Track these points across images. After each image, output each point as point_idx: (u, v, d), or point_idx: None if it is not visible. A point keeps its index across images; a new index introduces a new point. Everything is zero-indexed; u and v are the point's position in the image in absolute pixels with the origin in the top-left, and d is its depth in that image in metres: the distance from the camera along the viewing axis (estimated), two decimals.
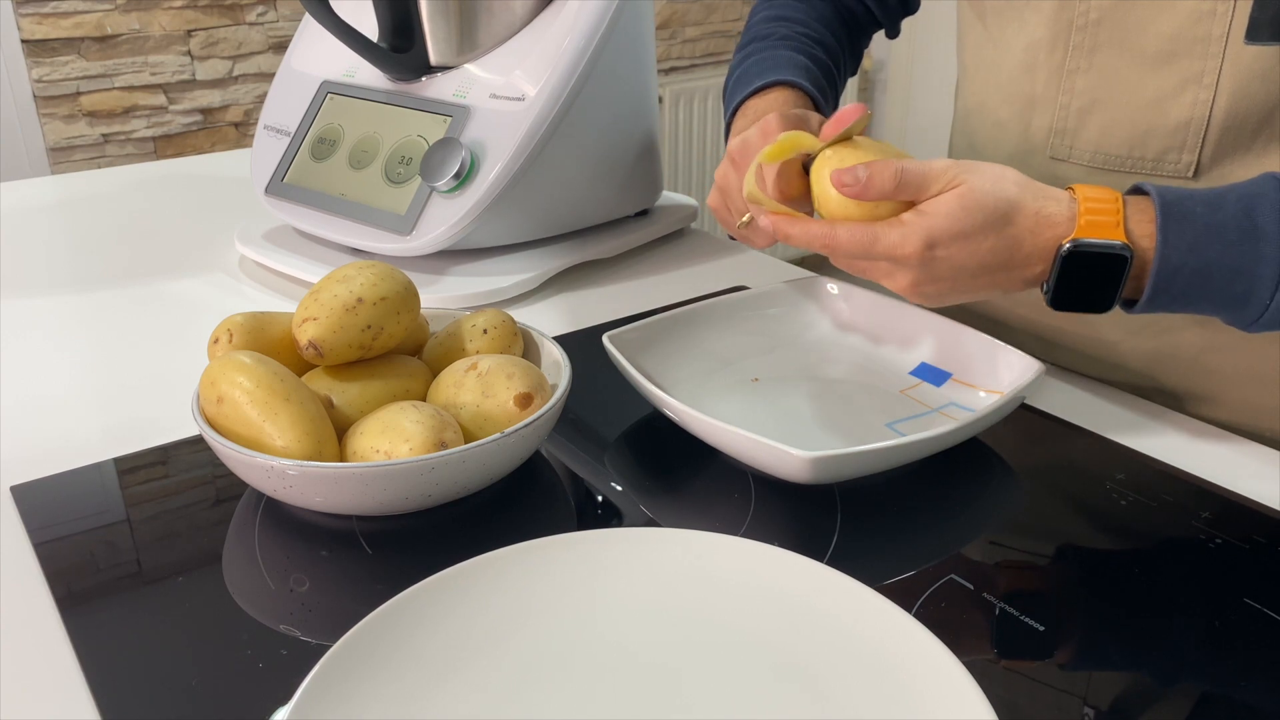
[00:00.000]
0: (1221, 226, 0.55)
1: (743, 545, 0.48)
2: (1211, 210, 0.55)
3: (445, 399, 0.58)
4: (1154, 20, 0.64)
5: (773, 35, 0.80)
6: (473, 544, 0.50)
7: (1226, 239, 0.55)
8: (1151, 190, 0.57)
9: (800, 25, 0.82)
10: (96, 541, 0.55)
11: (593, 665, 0.44)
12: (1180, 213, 0.56)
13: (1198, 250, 0.55)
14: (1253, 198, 0.55)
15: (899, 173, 0.56)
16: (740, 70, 0.79)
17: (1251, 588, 0.51)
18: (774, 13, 0.84)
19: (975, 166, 0.57)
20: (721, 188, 0.70)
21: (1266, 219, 0.54)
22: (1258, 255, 0.55)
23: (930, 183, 0.57)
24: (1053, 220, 0.57)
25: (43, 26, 2.00)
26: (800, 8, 0.84)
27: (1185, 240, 0.55)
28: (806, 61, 0.77)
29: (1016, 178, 0.58)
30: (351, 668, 0.41)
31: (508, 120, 0.85)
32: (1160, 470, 0.62)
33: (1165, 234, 0.55)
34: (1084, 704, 0.44)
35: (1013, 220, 0.57)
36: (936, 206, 0.57)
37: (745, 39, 0.84)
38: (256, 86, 2.25)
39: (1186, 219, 0.55)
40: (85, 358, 0.78)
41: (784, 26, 0.81)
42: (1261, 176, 0.56)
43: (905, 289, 0.59)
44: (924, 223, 0.56)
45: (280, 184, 0.94)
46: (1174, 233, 0.55)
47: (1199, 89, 0.63)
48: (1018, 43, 0.72)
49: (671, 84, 2.79)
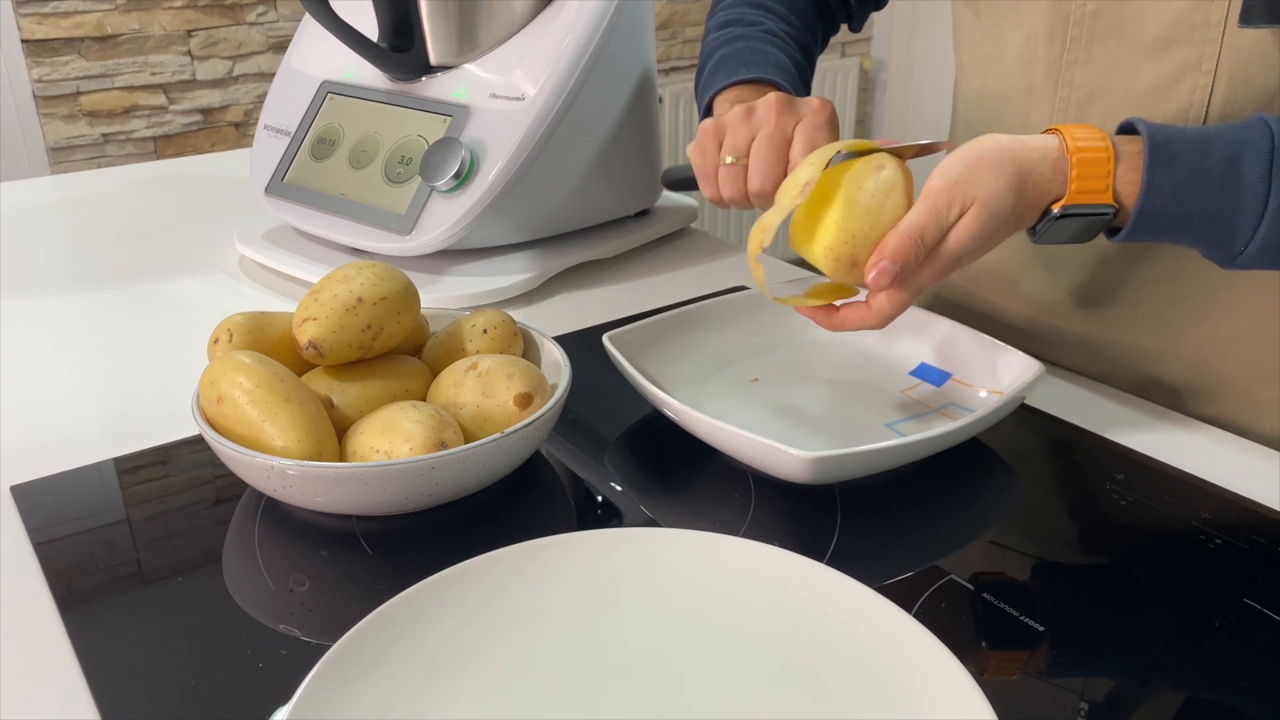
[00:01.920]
0: (1206, 172, 0.56)
1: (743, 545, 0.48)
2: (1199, 155, 0.56)
3: (445, 399, 0.58)
4: (1151, 9, 0.64)
5: (757, 25, 0.79)
6: (473, 544, 0.50)
7: (1210, 185, 0.56)
8: (1142, 130, 0.57)
9: (781, 21, 0.81)
10: (96, 541, 0.55)
11: (593, 665, 0.44)
12: (1168, 155, 0.56)
13: (1181, 195, 0.56)
14: (1241, 145, 0.56)
15: (920, 241, 0.56)
16: (721, 53, 0.78)
17: (1251, 588, 0.51)
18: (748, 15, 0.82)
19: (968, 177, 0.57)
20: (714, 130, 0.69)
21: (1251, 168, 0.55)
22: (1238, 204, 0.56)
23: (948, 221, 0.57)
24: (1045, 185, 0.58)
25: (43, 26, 2.00)
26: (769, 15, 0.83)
27: (1170, 184, 0.56)
28: (789, 65, 0.77)
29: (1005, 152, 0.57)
30: (351, 668, 0.41)
31: (508, 120, 0.85)
32: (1160, 470, 0.62)
33: (1151, 176, 0.56)
34: (1082, 701, 0.44)
35: (1017, 198, 0.57)
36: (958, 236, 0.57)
37: (722, 17, 0.82)
38: (256, 86, 2.25)
39: (1174, 161, 0.56)
40: (85, 358, 0.78)
41: (767, 18, 0.80)
42: (1253, 120, 0.57)
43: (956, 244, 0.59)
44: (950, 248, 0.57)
45: (280, 184, 0.94)
46: (1159, 176, 0.56)
47: (1198, 75, 0.63)
48: (1015, 37, 0.72)
49: (671, 84, 2.79)
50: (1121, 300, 0.73)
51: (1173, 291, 0.71)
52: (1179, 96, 0.65)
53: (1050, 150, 0.58)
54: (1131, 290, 0.73)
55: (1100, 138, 0.57)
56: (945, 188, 0.57)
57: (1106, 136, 0.58)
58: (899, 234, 0.56)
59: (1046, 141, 0.58)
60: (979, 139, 0.59)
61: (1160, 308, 0.72)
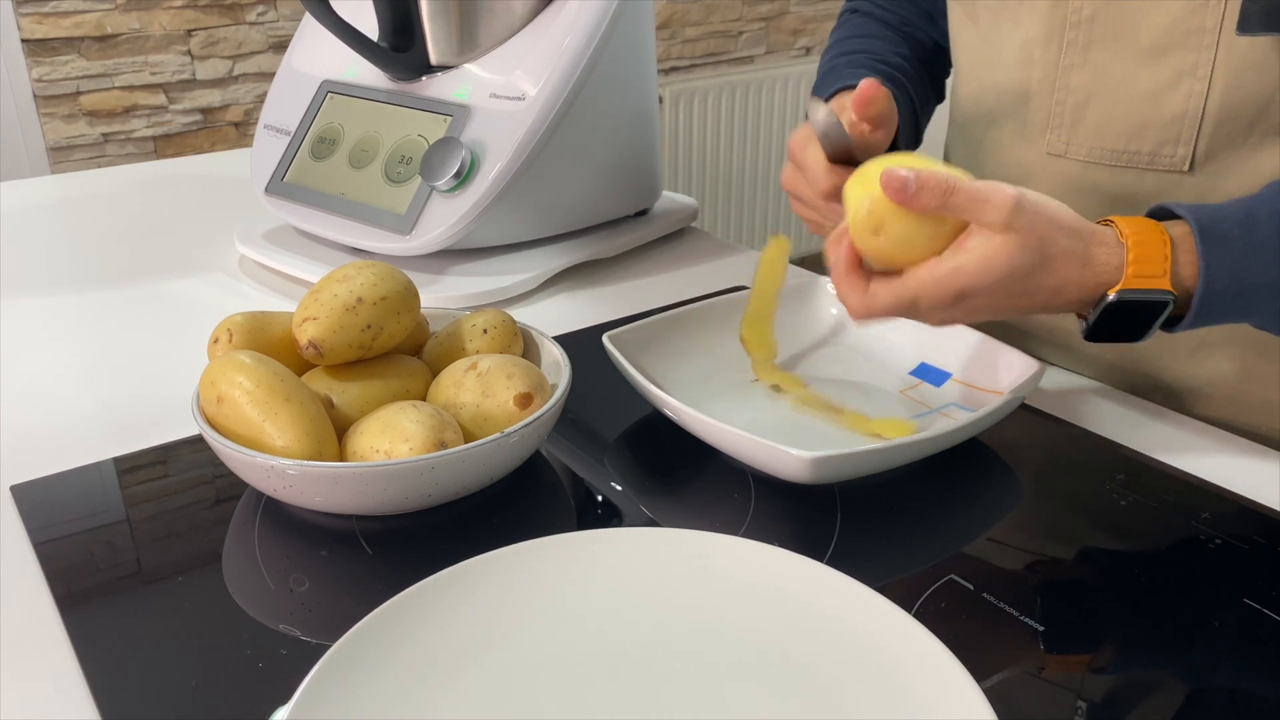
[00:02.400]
0: (1259, 247, 0.54)
1: (743, 545, 0.48)
2: (1247, 231, 0.55)
3: (445, 399, 0.58)
4: (1147, 14, 0.64)
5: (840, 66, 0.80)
6: (473, 544, 0.50)
7: (1265, 260, 0.54)
8: (1186, 216, 0.55)
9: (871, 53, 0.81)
10: (96, 541, 0.55)
11: (592, 665, 0.44)
12: (1218, 236, 0.55)
13: (1239, 274, 0.55)
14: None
15: (948, 192, 0.53)
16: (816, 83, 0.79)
17: (1251, 588, 0.51)
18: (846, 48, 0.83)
19: (1033, 208, 0.54)
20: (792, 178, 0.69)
21: None
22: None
23: (979, 211, 0.54)
24: (1099, 269, 0.55)
25: (43, 26, 2.00)
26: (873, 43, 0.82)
27: (1227, 266, 0.55)
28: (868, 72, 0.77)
29: (1072, 223, 0.55)
30: (351, 668, 0.41)
31: (508, 120, 0.85)
32: (1160, 470, 0.62)
33: (1207, 261, 0.54)
34: (1080, 700, 0.44)
35: (1057, 268, 0.54)
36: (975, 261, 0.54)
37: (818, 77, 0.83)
38: (256, 86, 2.25)
39: (1225, 242, 0.55)
40: (85, 357, 0.78)
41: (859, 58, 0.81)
42: (1275, 185, 0.56)
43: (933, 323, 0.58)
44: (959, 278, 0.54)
45: (280, 183, 0.94)
46: (1215, 259, 0.54)
47: (1193, 81, 0.63)
48: (1012, 41, 0.72)
49: (671, 84, 2.79)
50: None
51: None
52: (1175, 101, 0.65)
53: (1106, 233, 0.55)
54: None
55: (1153, 225, 0.55)
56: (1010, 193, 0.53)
57: (1159, 224, 0.55)
58: (944, 175, 0.53)
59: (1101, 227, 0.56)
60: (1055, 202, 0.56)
61: None
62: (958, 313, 0.56)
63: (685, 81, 2.82)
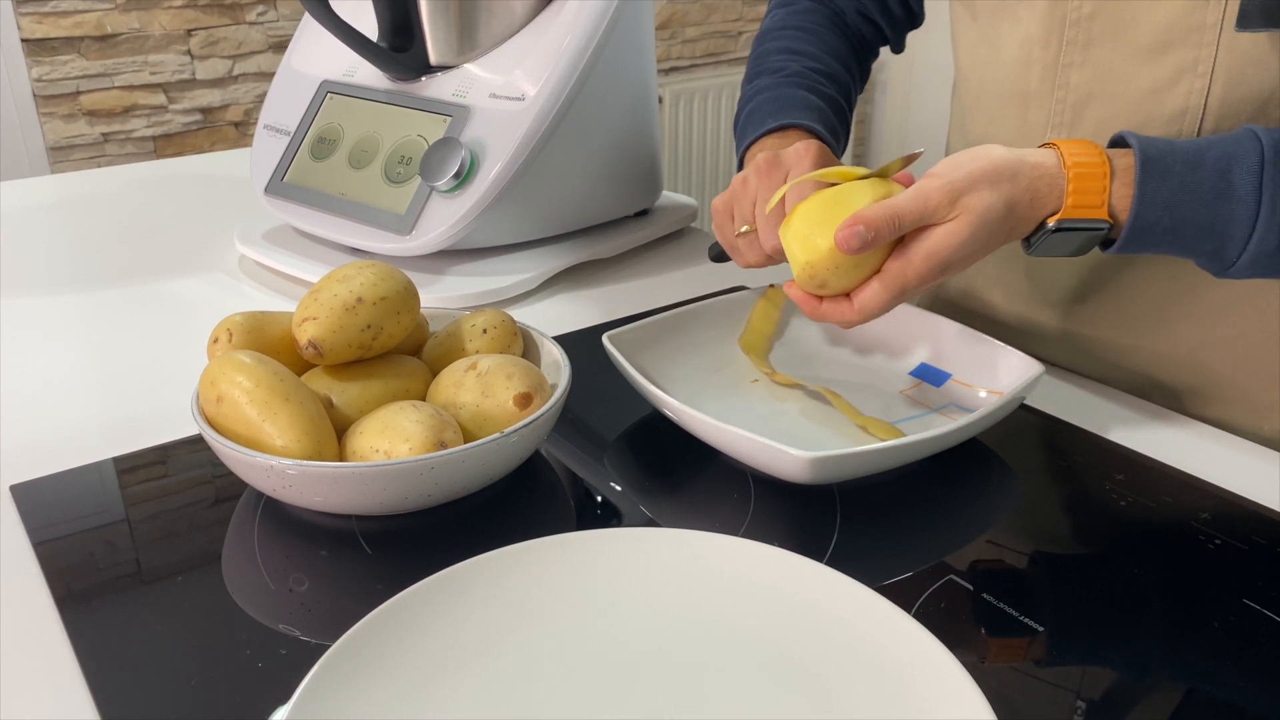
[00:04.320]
0: (1197, 185, 0.57)
1: (743, 545, 0.48)
2: (1190, 168, 0.57)
3: (445, 399, 0.58)
4: (1147, 11, 0.64)
5: (783, 70, 0.79)
6: (473, 544, 0.50)
7: (1201, 198, 0.57)
8: (1134, 143, 0.58)
9: (810, 59, 0.81)
10: (96, 541, 0.55)
11: (592, 665, 0.44)
12: (1160, 169, 0.57)
13: (1173, 208, 0.57)
14: (1231, 158, 0.56)
15: (897, 220, 0.57)
16: (751, 106, 0.79)
17: (1251, 588, 0.51)
18: (783, 44, 0.83)
19: (965, 185, 0.57)
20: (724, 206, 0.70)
21: (1242, 180, 0.56)
22: (1229, 216, 0.56)
23: (929, 217, 0.57)
24: (1044, 200, 0.58)
25: (43, 25, 2.00)
26: (809, 39, 0.83)
27: (1161, 197, 0.57)
28: (819, 102, 0.77)
29: (1003, 166, 0.58)
30: (351, 668, 0.41)
31: (508, 120, 0.85)
32: (1160, 470, 0.62)
33: (1143, 190, 0.57)
34: (1079, 700, 0.44)
35: (1010, 216, 0.58)
36: (945, 239, 0.57)
37: (753, 69, 0.83)
38: (256, 86, 2.25)
39: (1165, 175, 0.57)
40: (85, 357, 0.78)
41: (795, 61, 0.80)
42: (1241, 132, 0.58)
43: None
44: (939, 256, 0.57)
45: (280, 183, 0.94)
46: (1151, 190, 0.57)
47: (1194, 78, 0.63)
48: (1012, 39, 0.72)
49: (671, 84, 2.79)
50: (1121, 301, 0.73)
51: (1172, 292, 0.71)
52: (1175, 99, 0.65)
53: (1048, 166, 0.58)
54: (1131, 291, 0.73)
55: (1096, 153, 0.58)
56: (938, 188, 0.57)
57: (1102, 151, 0.58)
58: (879, 206, 0.57)
59: (1043, 157, 0.58)
60: (978, 148, 0.59)
61: (1159, 309, 0.72)
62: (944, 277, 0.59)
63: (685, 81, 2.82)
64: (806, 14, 0.85)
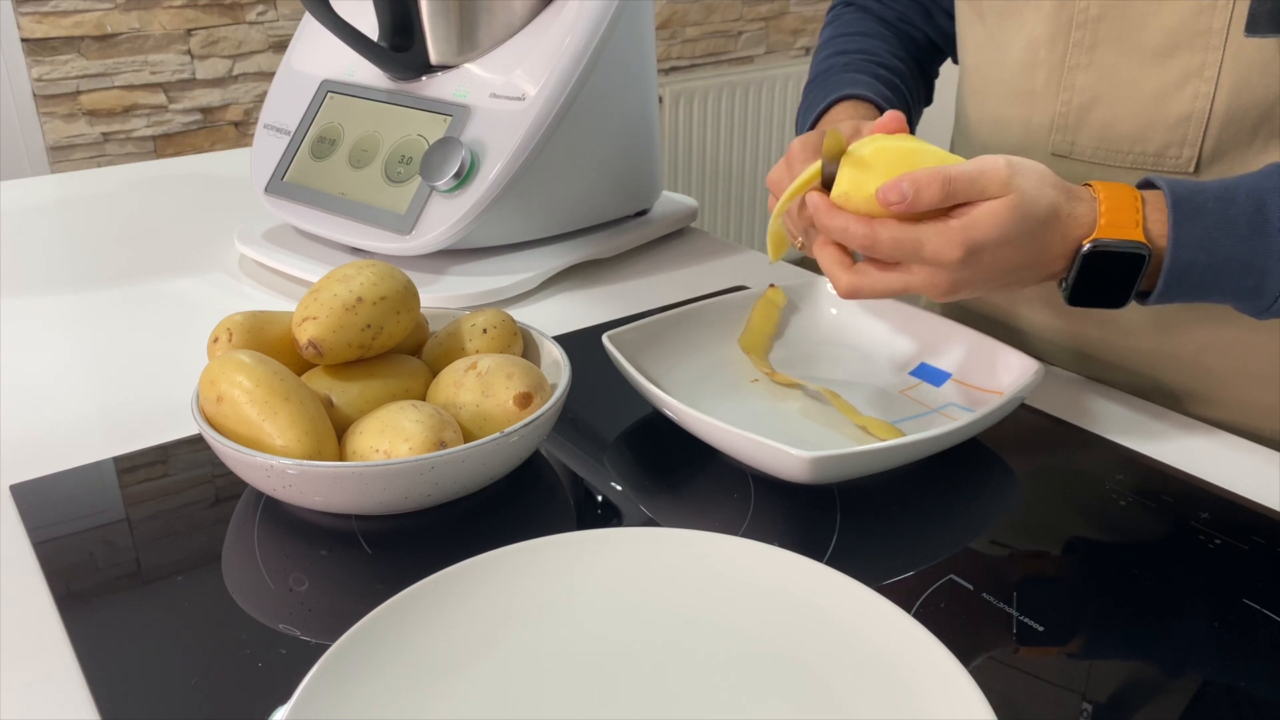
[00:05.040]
0: (1232, 222, 0.56)
1: (743, 545, 0.48)
2: (1223, 205, 0.56)
3: (445, 399, 0.58)
4: (1154, 14, 0.64)
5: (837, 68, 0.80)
6: (473, 544, 0.50)
7: (1238, 234, 0.56)
8: (1162, 185, 0.57)
9: (869, 55, 0.81)
10: (96, 541, 0.55)
11: (592, 665, 0.44)
12: (1192, 208, 0.56)
13: (1209, 246, 0.56)
14: (1263, 191, 0.56)
15: (947, 183, 0.55)
16: (806, 102, 0.79)
17: (1251, 588, 0.51)
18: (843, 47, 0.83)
19: (1023, 168, 0.56)
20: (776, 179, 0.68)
21: (1276, 213, 0.55)
22: (1268, 249, 0.56)
23: (981, 190, 0.55)
24: (1078, 221, 0.57)
25: (43, 25, 1.99)
26: (870, 42, 0.83)
27: (1196, 236, 0.56)
28: (869, 79, 0.77)
29: (1055, 180, 0.58)
30: (351, 668, 0.41)
31: (508, 120, 0.85)
32: (1160, 470, 0.62)
33: (1177, 230, 0.56)
34: (1083, 701, 0.44)
35: (1049, 224, 0.57)
36: (986, 216, 0.55)
37: (813, 74, 0.83)
38: (256, 86, 2.25)
39: (1198, 214, 0.56)
40: (85, 357, 0.78)
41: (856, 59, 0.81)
42: (1270, 167, 0.57)
43: (938, 293, 0.58)
44: (970, 232, 0.55)
45: (280, 183, 0.94)
46: (1185, 229, 0.56)
47: (1200, 83, 0.63)
48: (1018, 40, 0.72)
49: (671, 84, 2.79)
50: None
51: None
52: (1181, 103, 0.64)
53: (1084, 192, 0.58)
54: None
55: (1127, 188, 0.58)
56: (998, 160, 0.56)
57: (1133, 188, 0.58)
58: (934, 169, 0.55)
59: (1080, 189, 0.58)
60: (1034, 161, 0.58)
61: (1160, 310, 0.72)
62: (963, 274, 0.57)
63: (685, 81, 2.82)
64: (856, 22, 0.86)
